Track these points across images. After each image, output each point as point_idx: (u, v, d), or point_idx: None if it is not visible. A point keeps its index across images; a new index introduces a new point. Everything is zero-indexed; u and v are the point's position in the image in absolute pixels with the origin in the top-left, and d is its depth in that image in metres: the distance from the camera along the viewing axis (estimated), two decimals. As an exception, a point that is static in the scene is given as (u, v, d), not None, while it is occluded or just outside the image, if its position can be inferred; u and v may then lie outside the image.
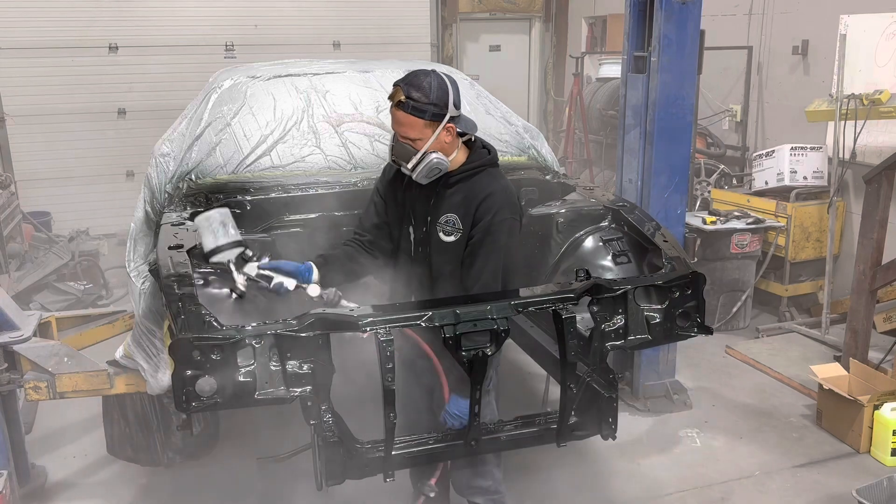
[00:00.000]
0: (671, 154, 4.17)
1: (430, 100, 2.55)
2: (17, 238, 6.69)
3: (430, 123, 2.57)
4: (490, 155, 2.76)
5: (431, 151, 2.60)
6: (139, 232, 3.37)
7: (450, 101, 2.58)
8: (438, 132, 2.59)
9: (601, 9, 9.30)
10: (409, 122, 2.57)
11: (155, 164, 3.44)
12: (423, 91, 2.54)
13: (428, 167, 2.62)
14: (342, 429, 2.43)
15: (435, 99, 2.55)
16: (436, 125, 2.58)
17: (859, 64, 5.42)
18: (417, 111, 2.55)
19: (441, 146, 2.62)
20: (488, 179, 2.71)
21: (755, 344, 5.32)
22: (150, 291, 3.07)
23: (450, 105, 2.58)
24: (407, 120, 2.57)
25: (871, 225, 4.27)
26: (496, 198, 2.66)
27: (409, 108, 2.55)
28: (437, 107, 2.56)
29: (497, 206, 2.65)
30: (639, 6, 4.13)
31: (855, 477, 3.76)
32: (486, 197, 2.66)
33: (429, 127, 2.57)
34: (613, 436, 2.74)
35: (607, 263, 3.23)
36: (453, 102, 2.60)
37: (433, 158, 2.61)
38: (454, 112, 2.61)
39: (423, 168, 2.62)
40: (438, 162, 2.62)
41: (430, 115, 2.56)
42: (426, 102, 2.54)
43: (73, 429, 4.25)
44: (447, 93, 2.58)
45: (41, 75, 7.59)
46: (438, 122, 2.57)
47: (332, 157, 3.55)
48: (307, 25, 8.47)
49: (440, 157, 2.62)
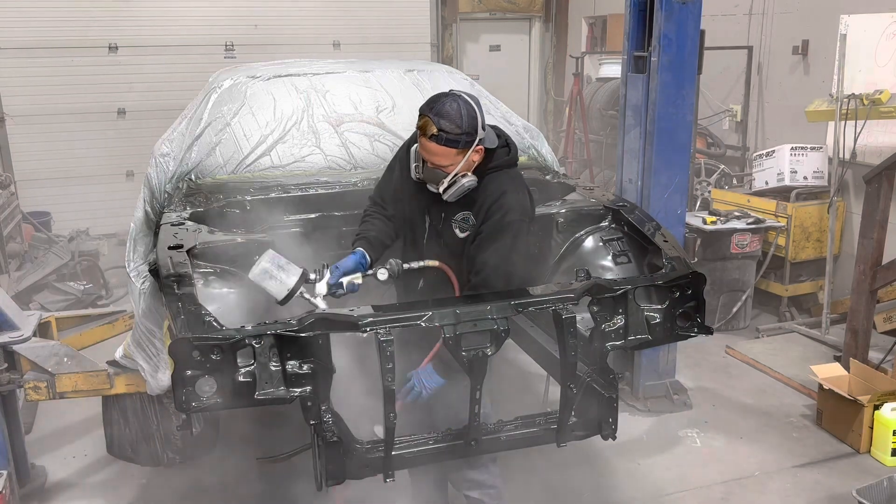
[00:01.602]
0: (671, 154, 4.17)
1: (463, 129, 2.57)
2: (17, 238, 6.70)
3: (461, 151, 2.60)
4: (509, 155, 2.78)
5: (462, 175, 2.65)
6: (139, 232, 3.37)
7: (479, 126, 2.61)
8: (469, 155, 2.62)
9: (601, 9, 9.30)
10: (442, 153, 2.59)
11: (155, 164, 3.44)
12: (453, 121, 2.55)
13: (460, 190, 2.67)
14: (342, 429, 2.43)
15: (467, 128, 2.57)
16: (466, 150, 2.61)
17: (859, 64, 5.42)
18: (451, 143, 2.57)
19: (469, 166, 2.67)
20: (505, 180, 2.74)
21: (755, 344, 5.32)
22: (150, 291, 3.07)
23: (479, 130, 2.61)
24: (440, 151, 2.59)
25: (871, 225, 4.27)
26: (508, 198, 2.69)
27: (443, 141, 2.56)
28: (469, 135, 2.59)
29: (508, 206, 2.68)
30: (639, 6, 4.13)
31: (855, 477, 3.76)
32: (500, 196, 2.69)
33: (460, 154, 2.61)
34: (613, 436, 2.74)
35: (607, 263, 3.23)
36: (481, 125, 2.63)
37: (465, 182, 2.66)
38: (482, 134, 2.64)
39: (455, 190, 2.67)
40: (470, 184, 2.67)
41: (464, 144, 2.59)
42: (459, 133, 2.56)
43: (73, 429, 4.25)
44: (476, 118, 2.60)
45: (41, 75, 7.59)
46: (470, 147, 2.61)
47: (332, 157, 3.55)
48: (307, 25, 8.47)
49: (471, 180, 2.67)
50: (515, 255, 2.71)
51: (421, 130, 2.60)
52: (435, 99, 2.62)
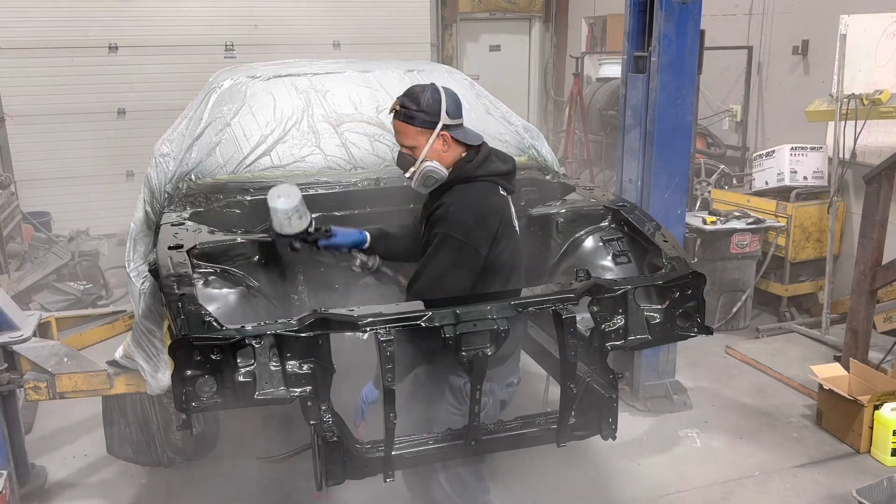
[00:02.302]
0: (671, 154, 4.17)
1: (420, 107, 2.61)
2: (17, 238, 6.69)
3: (421, 131, 2.62)
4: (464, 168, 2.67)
5: (426, 160, 2.64)
6: (139, 232, 3.37)
7: (442, 110, 2.62)
8: (432, 140, 2.62)
9: (601, 9, 9.30)
10: (402, 130, 2.66)
11: (155, 164, 3.43)
12: (413, 99, 2.63)
13: (422, 175, 2.66)
14: (342, 429, 2.43)
15: (425, 107, 2.61)
16: (429, 132, 2.62)
17: (859, 64, 5.42)
18: (408, 118, 2.62)
19: (437, 155, 2.65)
20: (450, 193, 2.66)
21: (755, 344, 5.32)
22: (149, 291, 3.07)
23: (442, 113, 2.62)
24: (400, 128, 2.66)
25: (871, 225, 4.27)
26: (442, 210, 2.61)
27: (402, 117, 2.64)
28: (428, 114, 2.61)
29: (439, 219, 2.60)
30: (639, 6, 4.13)
31: (855, 477, 3.76)
32: (436, 208, 2.65)
33: (421, 134, 2.63)
34: (613, 436, 2.74)
35: (607, 263, 3.22)
36: (447, 111, 2.63)
37: (426, 167, 2.65)
38: (447, 120, 2.64)
39: (418, 176, 2.67)
40: (431, 170, 2.65)
41: (421, 121, 2.61)
42: (416, 110, 2.61)
43: (73, 429, 4.25)
44: (439, 102, 2.63)
45: (41, 75, 7.59)
46: (431, 129, 2.62)
47: (332, 157, 3.55)
48: (307, 25, 8.46)
49: (433, 165, 2.64)
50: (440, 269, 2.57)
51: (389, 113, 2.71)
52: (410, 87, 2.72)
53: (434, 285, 2.56)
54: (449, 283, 2.57)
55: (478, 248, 2.59)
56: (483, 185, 2.68)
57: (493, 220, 2.64)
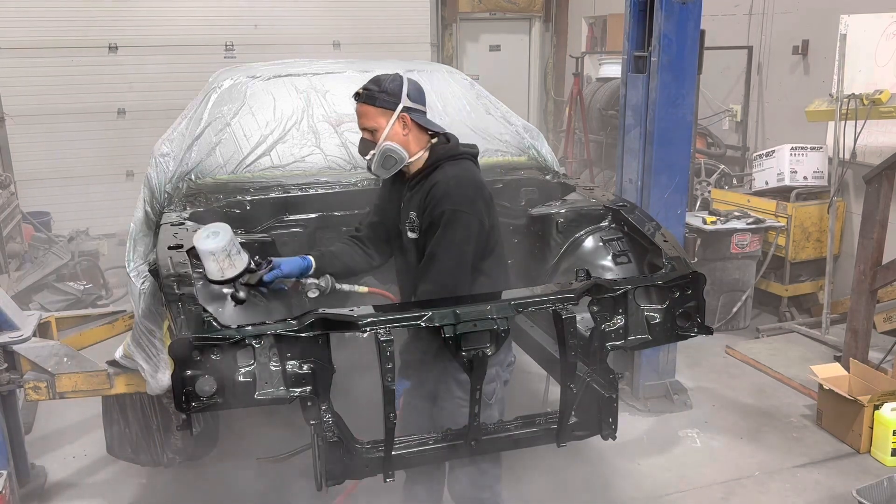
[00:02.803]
0: (671, 154, 4.17)
1: (382, 88, 2.64)
2: (16, 238, 6.69)
3: (382, 111, 2.64)
4: (447, 147, 2.70)
5: (386, 140, 2.65)
6: (139, 232, 3.37)
7: (403, 92, 2.65)
8: (392, 121, 2.64)
9: (601, 9, 9.30)
10: (362, 112, 2.68)
11: (155, 164, 3.44)
12: (376, 81, 2.67)
13: (381, 156, 2.66)
14: (342, 429, 2.43)
15: (386, 87, 2.64)
16: (389, 114, 2.64)
17: (859, 64, 5.42)
18: (369, 98, 2.65)
19: (399, 139, 2.66)
20: (440, 174, 2.65)
21: (755, 344, 5.32)
22: (149, 291, 3.07)
23: (402, 96, 2.65)
24: (361, 110, 2.68)
25: (871, 225, 4.27)
26: (440, 189, 2.59)
27: (363, 98, 2.66)
28: (388, 95, 2.64)
29: (442, 196, 2.58)
30: (639, 6, 4.12)
31: (855, 477, 3.76)
32: (430, 189, 2.63)
33: (382, 116, 2.64)
34: (613, 436, 2.74)
35: (607, 263, 3.23)
36: (407, 94, 2.66)
37: (385, 146, 2.65)
38: (408, 103, 2.66)
39: (377, 157, 2.67)
40: (390, 149, 2.64)
41: (382, 102, 2.63)
42: (377, 91, 2.64)
43: (73, 429, 4.25)
44: (401, 85, 2.67)
45: (41, 75, 7.59)
46: (391, 110, 2.64)
47: (332, 157, 3.55)
48: (307, 25, 8.46)
49: (392, 145, 2.64)
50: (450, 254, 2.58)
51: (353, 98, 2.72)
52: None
53: (453, 265, 2.58)
54: (466, 259, 2.60)
55: (482, 220, 2.63)
56: (469, 161, 2.74)
57: (487, 192, 2.71)
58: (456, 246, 2.57)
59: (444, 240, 2.56)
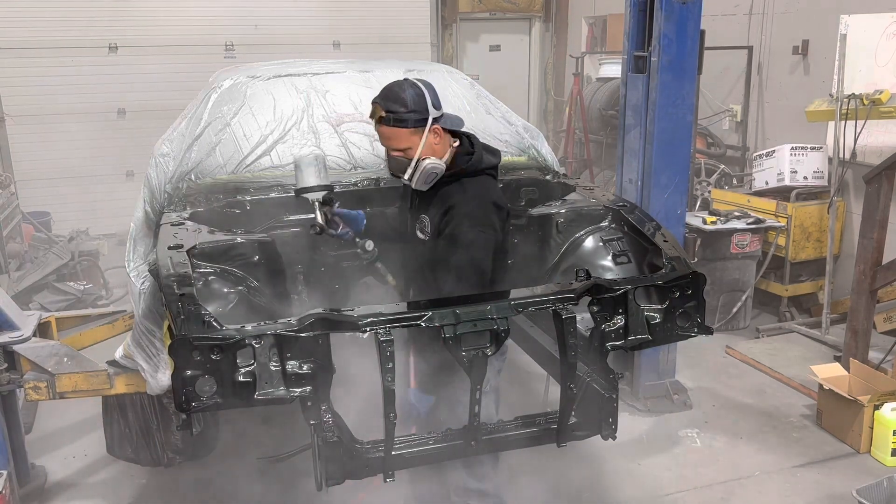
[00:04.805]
0: (671, 154, 4.16)
1: (409, 108, 2.60)
2: (17, 238, 6.69)
3: (415, 130, 2.63)
4: (470, 162, 2.74)
5: (424, 158, 2.66)
6: (139, 232, 3.37)
7: (428, 104, 2.63)
8: (426, 137, 2.64)
9: (601, 9, 9.30)
10: (394, 135, 2.63)
11: (155, 164, 3.43)
12: (398, 101, 2.60)
13: (424, 174, 2.68)
14: (342, 429, 2.43)
15: (413, 106, 2.61)
16: (421, 131, 2.63)
17: (859, 64, 5.42)
18: (400, 122, 2.60)
19: (432, 149, 2.67)
20: (457, 189, 2.71)
21: (755, 344, 5.32)
22: (149, 291, 3.07)
23: (429, 107, 2.63)
24: (392, 133, 2.63)
25: (871, 225, 4.27)
26: (458, 210, 2.67)
27: (391, 122, 2.61)
28: (418, 112, 2.62)
29: (456, 220, 2.65)
30: (639, 6, 4.12)
31: (855, 477, 3.76)
32: (449, 207, 2.68)
33: (415, 134, 2.63)
34: (613, 436, 2.74)
35: (607, 263, 3.22)
36: (432, 104, 2.64)
37: (426, 164, 2.66)
38: (435, 113, 2.65)
39: (420, 175, 2.68)
40: (433, 166, 2.67)
41: (413, 122, 2.61)
42: (406, 111, 2.60)
43: (73, 429, 4.25)
44: (423, 97, 2.63)
45: (41, 75, 7.59)
46: (423, 127, 2.63)
47: (332, 156, 3.55)
48: (307, 25, 8.46)
49: (433, 162, 2.67)
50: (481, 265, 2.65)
51: (371, 117, 2.67)
52: (385, 87, 2.68)
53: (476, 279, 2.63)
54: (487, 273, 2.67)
55: (497, 233, 2.72)
56: (488, 177, 2.78)
57: (504, 210, 2.77)
58: (477, 262, 2.64)
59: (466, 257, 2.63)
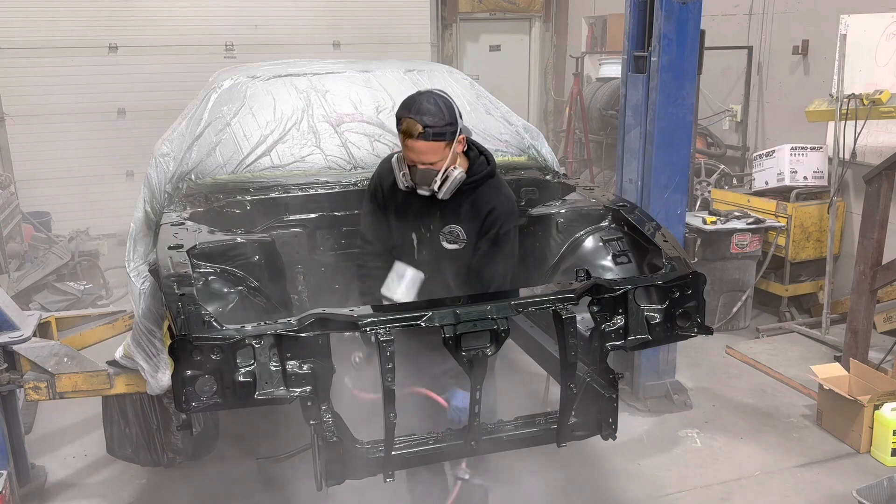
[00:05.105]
0: (671, 154, 4.16)
1: (447, 120, 2.62)
2: (17, 238, 6.69)
3: (449, 143, 2.65)
4: (490, 165, 2.84)
5: (453, 168, 2.71)
6: (139, 232, 3.37)
7: (457, 115, 2.66)
8: (454, 147, 2.67)
9: (601, 9, 9.30)
10: (431, 149, 2.63)
11: (155, 164, 3.44)
12: (435, 115, 2.60)
13: (453, 184, 2.72)
14: (342, 429, 2.43)
15: (449, 118, 2.63)
16: (453, 142, 2.66)
17: (859, 64, 5.42)
18: (439, 136, 2.61)
19: (455, 159, 2.72)
20: (492, 192, 2.82)
21: (755, 344, 5.32)
22: (149, 291, 3.07)
23: (458, 119, 2.66)
24: (430, 147, 2.62)
25: (871, 225, 4.27)
26: (501, 210, 2.80)
27: (431, 136, 2.60)
28: (454, 125, 2.64)
29: (502, 219, 2.79)
30: (639, 6, 4.13)
31: (855, 477, 3.76)
32: (490, 210, 2.78)
33: (448, 146, 2.65)
34: (613, 436, 2.74)
35: (607, 263, 3.22)
36: (458, 114, 2.67)
37: (456, 175, 2.71)
38: (461, 123, 2.69)
39: (450, 185, 2.72)
40: (461, 176, 2.73)
41: (450, 134, 2.64)
42: (444, 124, 2.61)
43: (73, 429, 4.25)
44: (453, 107, 2.66)
45: (41, 75, 7.58)
46: (454, 139, 2.66)
47: (332, 157, 3.55)
48: (307, 25, 8.46)
49: (461, 171, 2.73)
50: (513, 259, 2.88)
51: (405, 133, 2.62)
52: (410, 100, 2.66)
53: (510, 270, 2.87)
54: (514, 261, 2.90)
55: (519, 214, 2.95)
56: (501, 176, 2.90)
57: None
58: (512, 256, 2.86)
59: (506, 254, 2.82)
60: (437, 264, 2.86)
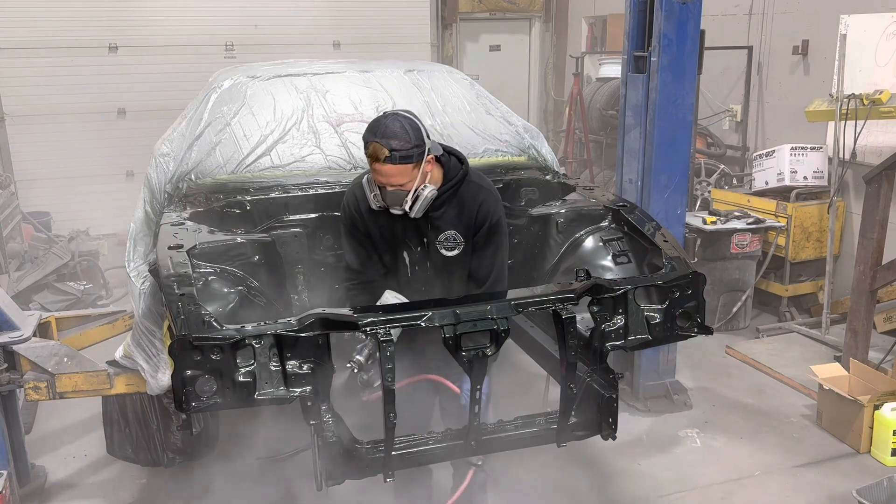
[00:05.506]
0: (671, 154, 4.16)
1: (413, 143, 2.61)
2: (17, 238, 6.69)
3: (416, 164, 2.65)
4: (463, 165, 2.86)
5: (423, 186, 2.71)
6: (139, 232, 3.37)
7: (424, 135, 2.66)
8: (423, 167, 2.67)
9: (601, 9, 9.30)
10: (398, 172, 2.63)
11: (155, 164, 3.44)
12: (401, 138, 2.60)
13: (425, 202, 2.73)
14: (342, 429, 2.43)
15: (416, 140, 2.63)
16: (420, 163, 2.66)
17: (859, 64, 5.42)
18: (405, 159, 2.61)
19: (425, 178, 2.71)
20: (474, 188, 2.85)
21: (755, 344, 5.32)
22: (149, 291, 3.07)
23: (425, 139, 2.66)
24: (398, 170, 2.63)
25: (871, 225, 4.27)
26: (488, 202, 2.85)
27: (398, 160, 2.60)
28: (419, 147, 2.64)
29: (492, 210, 2.85)
30: (639, 6, 4.12)
31: (855, 477, 3.75)
32: (479, 206, 2.82)
33: (416, 168, 2.65)
34: (613, 436, 2.74)
35: (607, 263, 3.23)
36: (426, 134, 2.68)
37: (426, 194, 2.72)
38: (429, 142, 2.69)
39: (421, 204, 2.73)
40: (432, 194, 2.74)
41: (417, 156, 2.64)
42: (410, 147, 2.61)
43: (73, 429, 4.25)
44: (419, 129, 2.66)
45: (41, 75, 7.59)
46: (422, 159, 2.66)
47: (332, 157, 3.55)
48: (307, 25, 8.46)
49: (432, 189, 2.73)
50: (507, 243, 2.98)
51: (372, 158, 2.63)
52: (375, 124, 2.66)
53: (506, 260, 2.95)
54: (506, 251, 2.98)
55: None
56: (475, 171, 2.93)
57: None
58: (506, 241, 2.96)
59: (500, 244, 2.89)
60: (440, 274, 2.88)
